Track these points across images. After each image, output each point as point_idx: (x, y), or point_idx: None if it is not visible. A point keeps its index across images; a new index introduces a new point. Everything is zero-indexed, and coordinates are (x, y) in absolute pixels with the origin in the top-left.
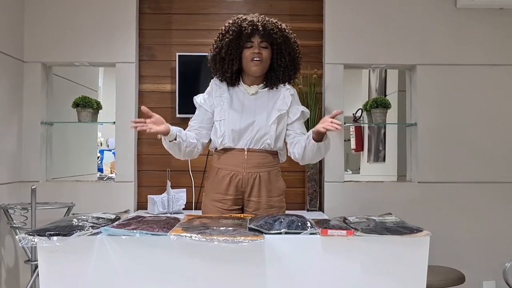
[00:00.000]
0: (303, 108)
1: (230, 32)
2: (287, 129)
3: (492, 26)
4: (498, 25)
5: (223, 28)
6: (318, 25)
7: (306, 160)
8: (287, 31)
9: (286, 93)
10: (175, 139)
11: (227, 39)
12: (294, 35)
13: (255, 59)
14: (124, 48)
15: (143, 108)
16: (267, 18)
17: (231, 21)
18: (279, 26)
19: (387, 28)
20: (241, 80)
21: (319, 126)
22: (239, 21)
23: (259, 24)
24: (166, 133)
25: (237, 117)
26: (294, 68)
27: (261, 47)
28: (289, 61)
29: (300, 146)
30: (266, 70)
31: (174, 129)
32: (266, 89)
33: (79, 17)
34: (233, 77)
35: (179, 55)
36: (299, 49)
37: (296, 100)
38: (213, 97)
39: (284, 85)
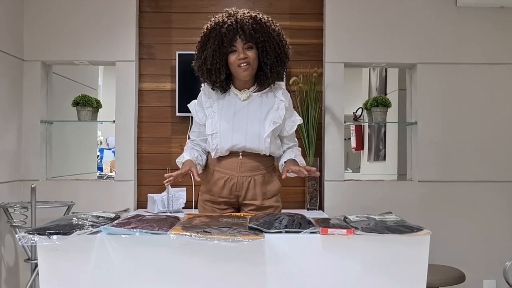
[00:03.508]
0: (298, 121)
1: (211, 40)
2: (282, 139)
3: (492, 24)
4: (498, 23)
5: (203, 34)
6: (318, 23)
7: None
8: (268, 24)
9: (281, 105)
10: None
11: (210, 49)
12: (278, 25)
13: (242, 64)
14: (124, 46)
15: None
16: (246, 15)
17: (209, 26)
18: (260, 22)
19: (387, 27)
20: (231, 84)
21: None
22: (218, 27)
23: (239, 26)
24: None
25: (229, 129)
26: (282, 63)
27: (245, 49)
28: (275, 58)
29: (280, 162)
30: (256, 70)
31: (197, 161)
32: (258, 93)
33: (79, 16)
34: (223, 85)
35: (179, 54)
36: (285, 40)
37: (290, 111)
38: (203, 109)
39: (277, 91)
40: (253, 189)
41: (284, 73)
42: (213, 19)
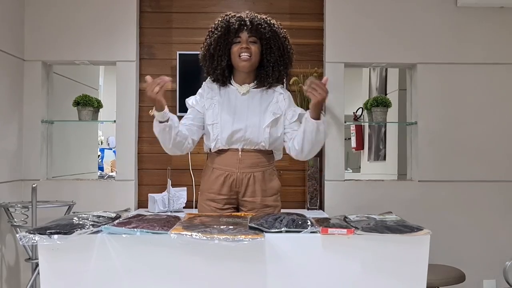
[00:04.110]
0: (300, 110)
1: (219, 28)
2: (285, 129)
3: (492, 24)
4: (498, 23)
5: (213, 25)
6: (319, 23)
7: (306, 148)
8: (276, 26)
9: (280, 98)
10: (167, 121)
11: (215, 36)
12: (285, 30)
13: (243, 54)
14: (125, 46)
15: (148, 77)
16: (255, 14)
17: (220, 18)
18: (268, 21)
19: (387, 27)
20: (232, 79)
21: (311, 95)
22: (228, 18)
23: (247, 19)
24: (162, 106)
25: (229, 120)
26: (284, 64)
27: (249, 42)
28: (278, 56)
29: (298, 134)
30: (256, 66)
31: (168, 111)
32: (258, 89)
33: (80, 16)
34: (223, 74)
35: (179, 54)
36: (290, 45)
37: (291, 103)
38: (204, 99)
39: (276, 87)
40: (253, 186)
41: (285, 77)
42: (223, 14)
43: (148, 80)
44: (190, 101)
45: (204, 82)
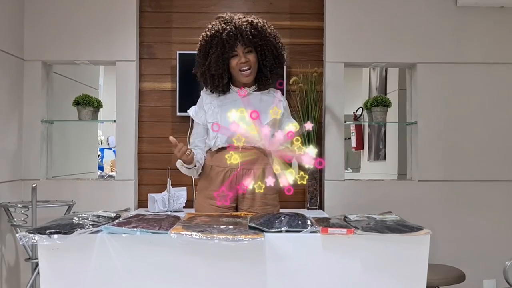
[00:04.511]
0: (295, 123)
1: (213, 47)
2: None
3: (492, 24)
4: (498, 23)
5: (203, 42)
6: (319, 23)
7: None
8: (264, 28)
9: (280, 105)
10: (195, 165)
11: (213, 56)
12: (272, 27)
13: (244, 68)
14: (125, 46)
15: (171, 138)
16: (243, 20)
17: (209, 34)
18: (257, 26)
19: (387, 27)
20: (231, 84)
21: None
22: (219, 34)
23: (238, 32)
24: (191, 161)
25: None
26: (280, 64)
27: (246, 53)
28: (274, 60)
29: None
30: (256, 73)
31: (195, 159)
32: (259, 92)
33: (80, 15)
34: (224, 89)
35: (179, 54)
36: (281, 42)
37: (289, 114)
38: (203, 105)
39: (276, 93)
40: (253, 182)
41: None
42: (210, 26)
43: (173, 142)
44: (191, 112)
45: (202, 91)
